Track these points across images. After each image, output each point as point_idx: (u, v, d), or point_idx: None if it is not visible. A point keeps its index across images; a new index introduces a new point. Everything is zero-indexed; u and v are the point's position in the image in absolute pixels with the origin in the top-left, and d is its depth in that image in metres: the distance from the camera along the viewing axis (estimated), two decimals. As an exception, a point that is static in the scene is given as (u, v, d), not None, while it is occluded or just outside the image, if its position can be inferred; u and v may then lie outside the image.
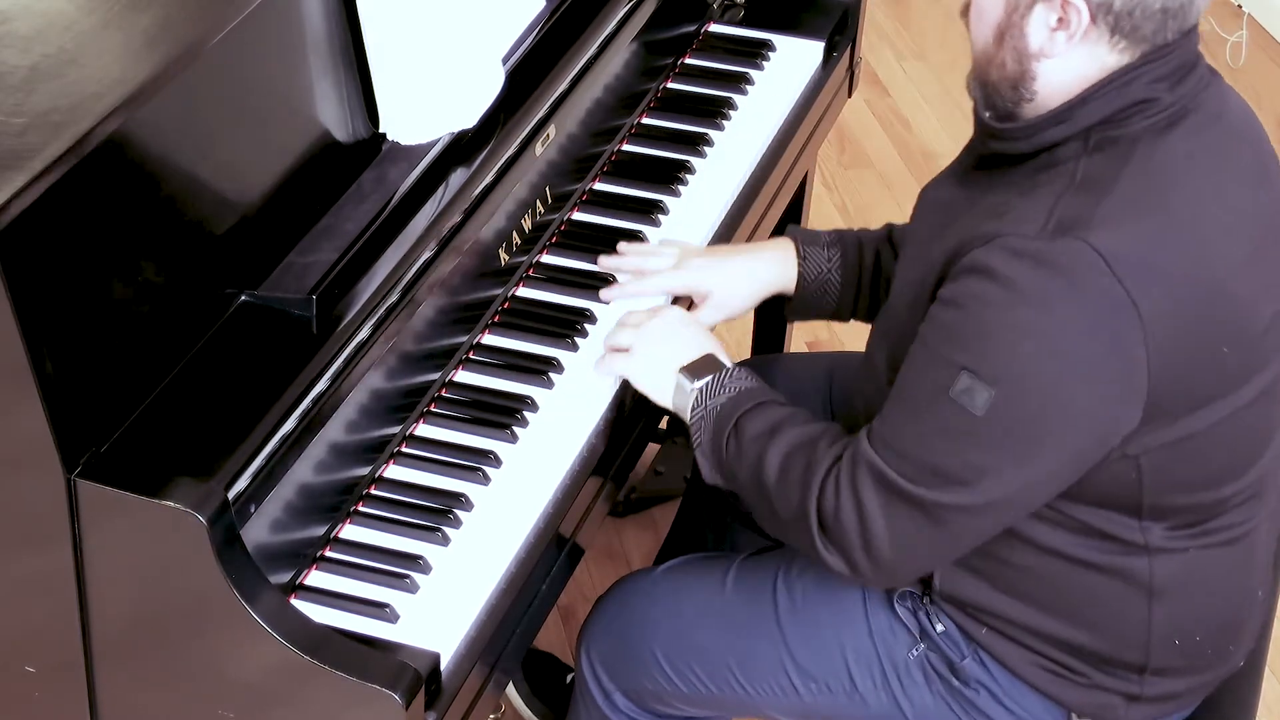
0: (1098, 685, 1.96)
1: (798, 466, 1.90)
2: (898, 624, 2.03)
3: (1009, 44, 1.82)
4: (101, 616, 1.76)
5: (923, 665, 2.02)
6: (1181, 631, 1.94)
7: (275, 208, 1.93)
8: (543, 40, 2.27)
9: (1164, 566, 1.90)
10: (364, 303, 1.90)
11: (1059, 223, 1.74)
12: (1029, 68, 1.81)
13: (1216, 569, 1.94)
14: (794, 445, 1.92)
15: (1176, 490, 1.87)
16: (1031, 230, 1.75)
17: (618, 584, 2.22)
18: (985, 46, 1.85)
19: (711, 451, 1.99)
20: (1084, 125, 1.80)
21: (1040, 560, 1.91)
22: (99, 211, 1.69)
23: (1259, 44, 4.40)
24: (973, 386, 1.75)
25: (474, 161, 2.09)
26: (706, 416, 2.00)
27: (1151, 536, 1.89)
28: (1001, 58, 1.83)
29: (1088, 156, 1.80)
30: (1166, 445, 1.82)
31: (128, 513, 1.67)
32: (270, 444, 1.75)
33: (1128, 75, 1.78)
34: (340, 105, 2.02)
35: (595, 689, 2.18)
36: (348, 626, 1.78)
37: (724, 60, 2.65)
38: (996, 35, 1.83)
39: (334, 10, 1.99)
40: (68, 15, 1.80)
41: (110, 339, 1.72)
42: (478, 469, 1.97)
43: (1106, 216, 1.74)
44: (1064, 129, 1.81)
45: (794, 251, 2.25)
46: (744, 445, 1.95)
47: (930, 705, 2.03)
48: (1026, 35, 1.80)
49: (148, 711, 1.84)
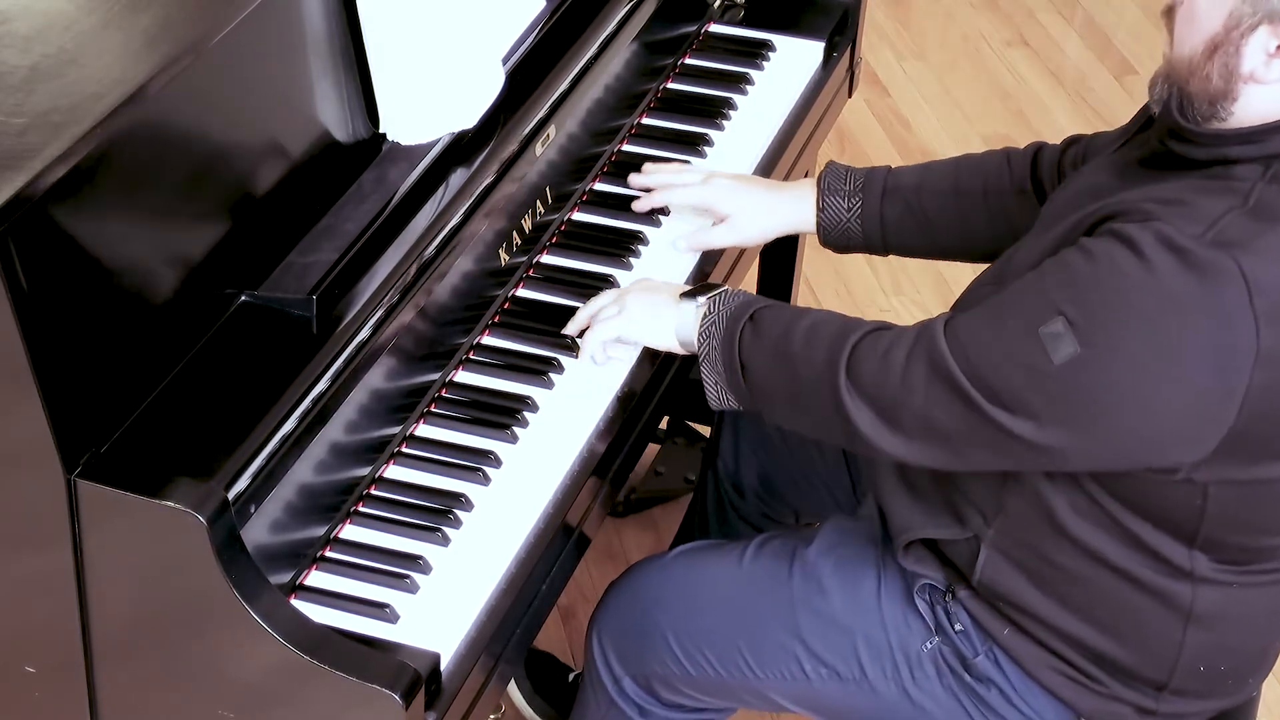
0: (1114, 696, 1.96)
1: (828, 331, 1.91)
2: (914, 616, 2.03)
3: (1220, 60, 1.76)
4: (101, 616, 1.76)
5: (935, 659, 2.02)
6: (1209, 659, 1.94)
7: (275, 208, 1.93)
8: (543, 40, 2.27)
9: (1206, 596, 1.90)
10: (364, 303, 1.90)
11: (1220, 234, 1.71)
12: (1235, 89, 1.76)
13: (1256, 605, 1.94)
14: (824, 319, 1.94)
15: (1236, 529, 1.85)
16: (1192, 231, 1.71)
17: (630, 569, 2.22)
18: (1191, 55, 1.78)
19: (723, 352, 1.99)
20: (1269, 153, 1.76)
21: (1087, 566, 1.90)
22: (99, 212, 1.69)
23: (1259, 44, 4.40)
24: (1063, 335, 1.73)
25: (474, 161, 2.09)
26: (718, 321, 2.00)
27: (1198, 565, 1.88)
28: (1208, 71, 1.77)
29: (1265, 183, 1.76)
30: (1238, 484, 1.80)
31: (128, 513, 1.67)
32: (270, 444, 1.75)
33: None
34: (340, 105, 2.02)
35: (605, 675, 2.19)
36: (348, 626, 1.78)
37: (724, 60, 2.65)
38: (1208, 48, 1.76)
39: (334, 10, 1.99)
40: (68, 15, 1.80)
41: (110, 339, 1.72)
42: (478, 469, 1.97)
43: (1267, 247, 1.72)
44: (1249, 150, 1.77)
45: (814, 193, 2.29)
46: (762, 329, 1.96)
47: (940, 699, 2.03)
48: (1242, 56, 1.75)
49: (148, 712, 1.84)
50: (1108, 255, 1.73)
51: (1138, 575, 1.89)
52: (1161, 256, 1.71)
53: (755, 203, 2.28)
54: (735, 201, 2.27)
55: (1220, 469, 1.78)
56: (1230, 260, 1.70)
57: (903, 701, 2.05)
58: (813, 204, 2.29)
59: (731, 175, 2.33)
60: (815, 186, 2.30)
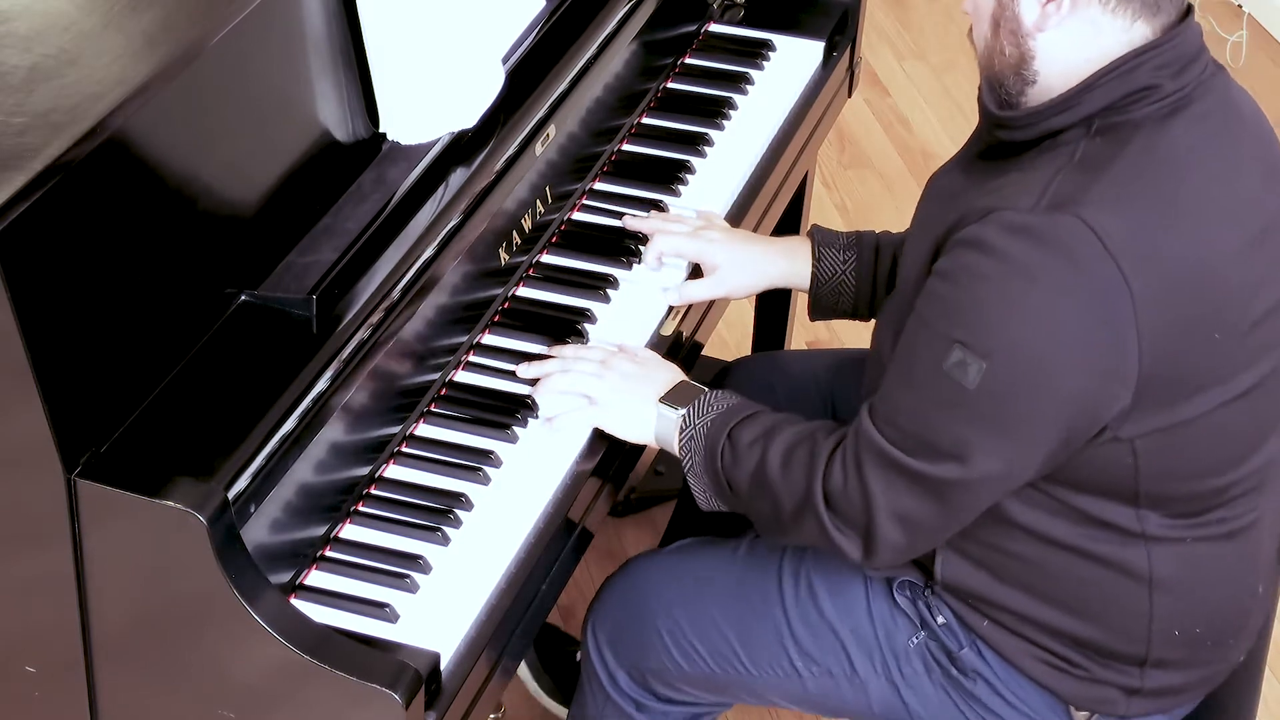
0: (1097, 679, 1.97)
1: (801, 455, 1.91)
2: (899, 612, 2.04)
3: (1005, 29, 1.84)
4: (101, 616, 1.76)
5: (923, 654, 2.03)
6: (1182, 624, 1.95)
7: (275, 208, 1.93)
8: (543, 40, 2.27)
9: (1163, 557, 1.91)
10: (364, 303, 1.90)
11: (1054, 198, 1.76)
12: (1027, 47, 1.83)
13: (1217, 561, 1.95)
14: (795, 439, 1.93)
15: (1172, 479, 1.87)
16: (1026, 205, 1.76)
17: (626, 564, 2.23)
18: (986, 41, 1.87)
19: (706, 469, 2.00)
20: (1087, 113, 1.82)
21: (1040, 550, 1.92)
22: (99, 212, 1.69)
23: (1259, 44, 4.40)
24: (965, 360, 1.76)
25: (474, 161, 2.09)
26: (696, 437, 2.00)
27: (1149, 525, 1.89)
28: (1000, 44, 1.85)
29: (1089, 139, 1.81)
30: (1160, 431, 1.82)
31: (128, 513, 1.67)
32: (270, 444, 1.75)
33: (1130, 63, 1.80)
34: (340, 105, 2.02)
35: (600, 669, 2.19)
36: (348, 626, 1.78)
37: (724, 60, 2.65)
38: (993, 25, 1.85)
39: (334, 10, 1.99)
40: (68, 15, 1.80)
41: (110, 339, 1.72)
42: (478, 469, 1.97)
43: (1103, 195, 1.76)
44: (1067, 116, 1.82)
45: (809, 251, 2.28)
46: (740, 452, 1.96)
47: (931, 694, 2.04)
48: (1020, 17, 1.83)
49: (148, 712, 1.84)
50: (963, 267, 1.78)
51: (1091, 550, 1.91)
52: (1009, 242, 1.74)
53: (745, 255, 2.27)
54: (724, 254, 2.25)
55: (1142, 421, 1.80)
56: (1071, 217, 1.74)
57: (894, 698, 2.06)
58: (806, 256, 2.28)
59: (723, 228, 2.31)
60: (808, 241, 2.29)
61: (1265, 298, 1.86)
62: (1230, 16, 4.43)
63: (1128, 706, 1.98)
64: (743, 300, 3.37)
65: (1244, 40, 4.33)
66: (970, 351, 1.76)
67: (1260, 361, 1.87)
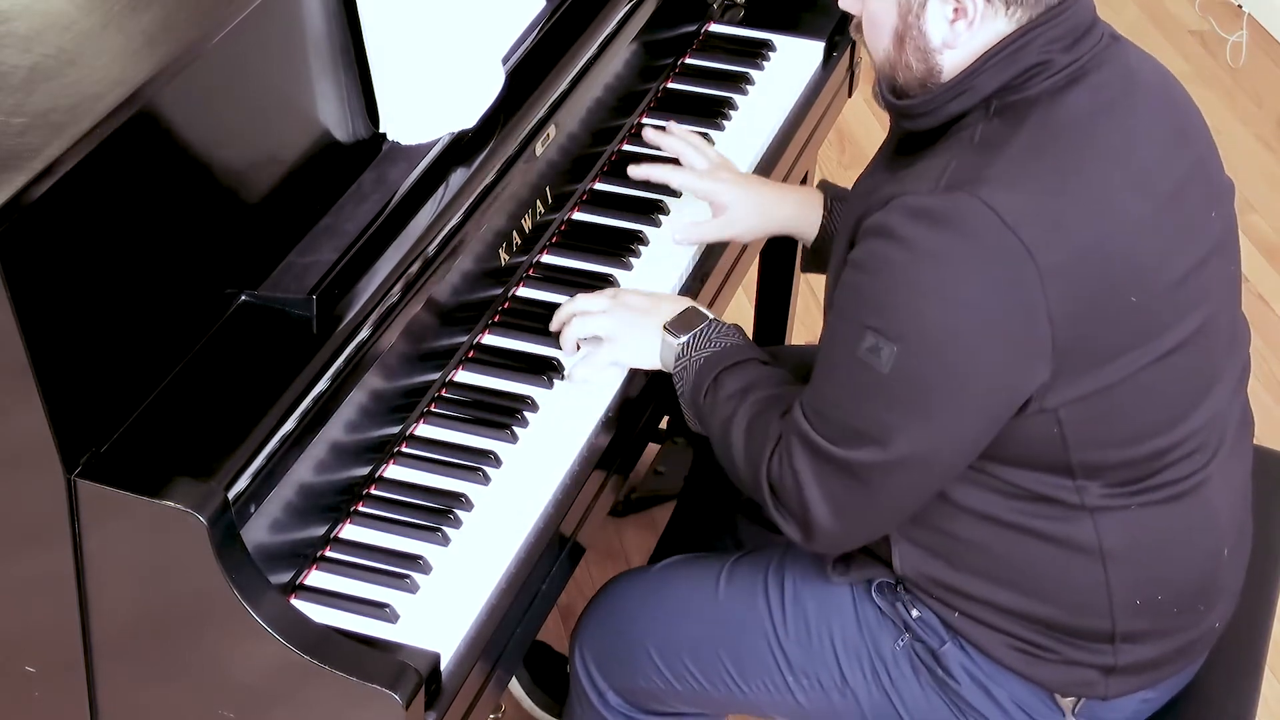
0: (1071, 661, 1.96)
1: (759, 430, 1.94)
2: (882, 616, 2.03)
3: (910, 45, 1.85)
4: (101, 616, 1.76)
5: (909, 657, 2.03)
6: (1142, 593, 1.94)
7: (275, 208, 1.93)
8: (543, 40, 2.27)
9: (1109, 527, 1.91)
10: (364, 303, 1.90)
11: (951, 179, 1.78)
12: (935, 63, 1.85)
13: (1166, 526, 1.94)
14: (760, 409, 1.96)
15: (1103, 446, 1.87)
16: (925, 188, 1.78)
17: (611, 582, 2.22)
18: (887, 54, 1.88)
19: (690, 401, 2.04)
20: (984, 94, 1.83)
21: (986, 531, 1.92)
22: (99, 212, 1.69)
23: (1259, 44, 4.40)
24: (878, 345, 1.78)
25: (474, 161, 2.09)
26: (689, 369, 2.04)
27: (1089, 496, 1.89)
28: (906, 60, 1.86)
29: (988, 121, 1.83)
30: (1082, 399, 1.82)
31: (128, 513, 1.67)
32: (270, 444, 1.75)
33: (1019, 40, 1.81)
34: (340, 105, 2.02)
35: (589, 688, 2.19)
36: (348, 626, 1.78)
37: (724, 60, 2.65)
38: (896, 40, 1.86)
39: (334, 10, 1.99)
40: (68, 15, 1.80)
41: (110, 339, 1.72)
42: (478, 469, 1.97)
43: (1000, 173, 1.77)
44: (965, 100, 1.84)
45: (820, 202, 2.30)
46: (719, 401, 2.00)
47: (921, 699, 2.03)
48: (926, 34, 1.83)
49: (148, 711, 1.84)
50: (871, 254, 1.80)
51: (1035, 527, 1.91)
52: (911, 227, 1.76)
53: (756, 199, 2.29)
54: (735, 195, 2.28)
55: (1061, 391, 1.81)
56: (967, 195, 1.75)
57: (886, 707, 2.05)
58: (816, 206, 2.30)
59: (735, 170, 2.34)
60: (819, 193, 2.31)
61: (1185, 257, 1.86)
62: (1230, 16, 4.43)
63: (1107, 686, 1.97)
64: (743, 298, 3.38)
65: (1244, 40, 4.33)
66: (882, 336, 1.78)
67: (1185, 320, 1.86)
